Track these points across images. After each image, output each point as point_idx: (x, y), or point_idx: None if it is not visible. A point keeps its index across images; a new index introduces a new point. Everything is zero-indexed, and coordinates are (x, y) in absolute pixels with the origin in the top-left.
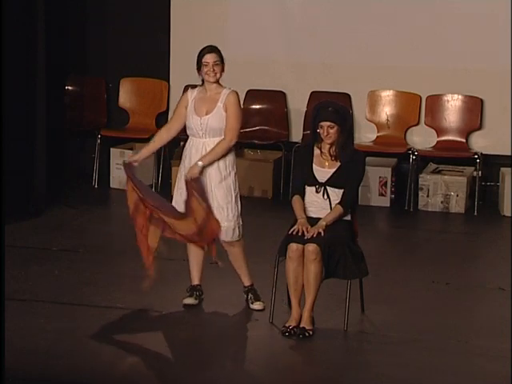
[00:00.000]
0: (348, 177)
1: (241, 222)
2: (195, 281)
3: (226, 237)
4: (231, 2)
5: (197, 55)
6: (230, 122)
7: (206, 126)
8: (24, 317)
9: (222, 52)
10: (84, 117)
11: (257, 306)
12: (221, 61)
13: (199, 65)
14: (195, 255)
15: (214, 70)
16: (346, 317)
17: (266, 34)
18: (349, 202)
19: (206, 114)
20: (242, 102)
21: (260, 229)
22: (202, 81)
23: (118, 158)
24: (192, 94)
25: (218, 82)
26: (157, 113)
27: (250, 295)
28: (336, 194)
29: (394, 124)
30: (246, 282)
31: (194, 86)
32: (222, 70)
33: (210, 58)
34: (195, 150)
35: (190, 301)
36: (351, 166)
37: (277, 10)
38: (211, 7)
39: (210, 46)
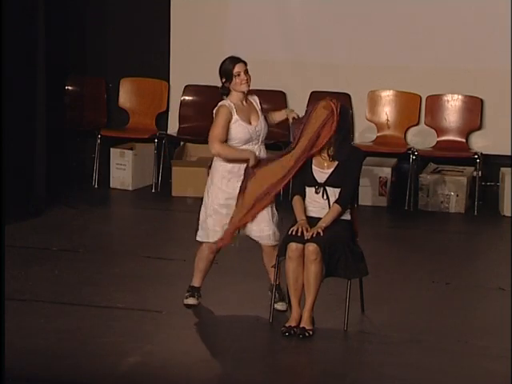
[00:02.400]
0: (345, 175)
1: None
2: (198, 283)
3: (271, 241)
4: (231, 1)
5: (221, 68)
6: None
7: (261, 132)
8: (24, 317)
9: (222, 52)
10: (84, 117)
11: (279, 306)
12: (247, 69)
13: (228, 76)
14: (206, 259)
15: (246, 79)
16: (346, 317)
17: (266, 34)
18: (346, 200)
19: (255, 122)
20: None
21: None
22: (226, 91)
23: (118, 158)
24: (232, 109)
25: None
26: (157, 113)
27: (275, 294)
28: (335, 193)
29: (394, 124)
30: (272, 280)
31: (194, 87)
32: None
33: (241, 68)
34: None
35: (192, 301)
36: (348, 165)
37: (277, 10)
38: (211, 7)
39: (233, 56)
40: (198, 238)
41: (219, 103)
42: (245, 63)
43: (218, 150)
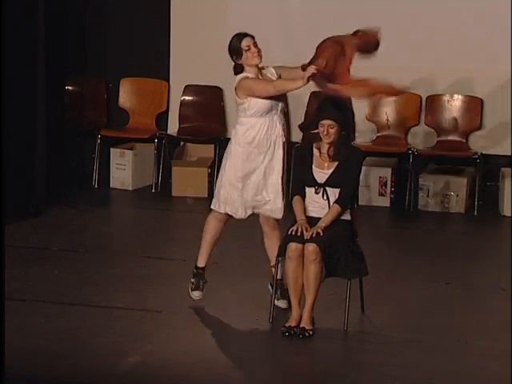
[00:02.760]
0: (345, 175)
1: None
2: (202, 262)
3: (279, 214)
4: (231, 1)
5: (230, 46)
6: None
7: (279, 102)
8: (24, 317)
9: (222, 52)
10: (84, 117)
11: (281, 303)
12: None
13: (238, 52)
14: (213, 230)
15: (257, 51)
16: (346, 317)
17: (266, 34)
18: (346, 200)
19: None
20: None
21: (260, 229)
22: (239, 68)
23: (118, 158)
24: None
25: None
26: (157, 113)
27: (278, 290)
28: (335, 193)
29: (394, 124)
30: (277, 275)
31: (194, 86)
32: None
33: (249, 42)
34: (268, 127)
35: (198, 294)
36: (348, 165)
37: (277, 10)
38: (211, 7)
39: (239, 32)
40: (211, 205)
41: (240, 75)
42: (252, 37)
43: (275, 88)
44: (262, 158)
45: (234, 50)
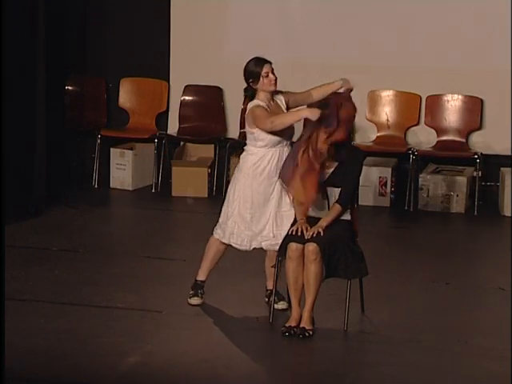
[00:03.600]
0: (345, 174)
1: None
2: (203, 276)
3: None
4: (231, 2)
5: (247, 70)
6: None
7: (291, 131)
8: (24, 317)
9: (222, 52)
10: (84, 117)
11: (280, 305)
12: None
13: (255, 77)
14: (216, 249)
15: (275, 79)
16: (346, 317)
17: (266, 34)
18: (346, 200)
19: None
20: (242, 102)
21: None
22: (251, 92)
23: (118, 158)
24: (265, 107)
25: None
26: (157, 113)
27: (274, 297)
28: (335, 193)
29: (394, 124)
30: (271, 286)
31: (194, 86)
32: None
33: (268, 68)
34: (278, 159)
35: (196, 301)
36: (349, 165)
37: (277, 10)
38: (211, 7)
39: (259, 57)
40: (214, 234)
41: (252, 103)
42: (270, 63)
43: (274, 124)
44: (271, 189)
45: (252, 75)
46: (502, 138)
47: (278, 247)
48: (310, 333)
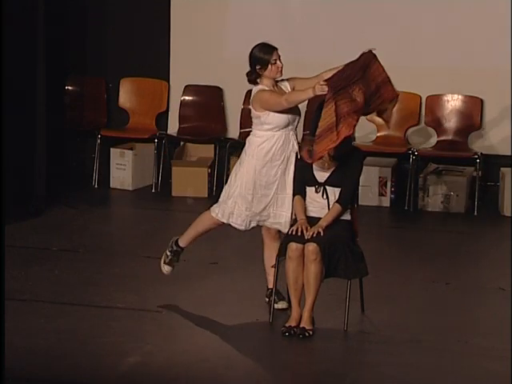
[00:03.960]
0: (345, 175)
1: None
2: (185, 243)
3: (285, 228)
4: (231, 2)
5: (255, 55)
6: None
7: (296, 116)
8: (24, 317)
9: (222, 52)
10: (84, 117)
11: (281, 305)
12: None
13: (264, 63)
14: (207, 227)
15: (282, 66)
16: (346, 317)
17: (266, 34)
18: (346, 200)
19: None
20: (242, 102)
21: (260, 229)
22: (255, 76)
23: (118, 158)
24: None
25: None
26: (157, 113)
27: (274, 297)
28: (335, 193)
29: (394, 124)
30: (271, 284)
31: (194, 87)
32: None
33: (276, 55)
34: (284, 142)
35: (168, 269)
36: (349, 165)
37: (277, 10)
38: (211, 7)
39: (266, 43)
40: (211, 212)
41: (257, 88)
42: (277, 49)
43: (288, 101)
44: (274, 171)
45: (260, 61)
46: (502, 138)
47: (276, 226)
48: (310, 333)
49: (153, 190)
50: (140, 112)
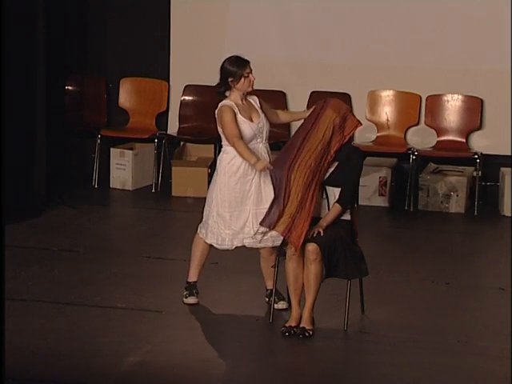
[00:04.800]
0: (345, 175)
1: None
2: (194, 277)
3: (274, 242)
4: (231, 1)
5: (226, 68)
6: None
7: (263, 129)
8: (24, 317)
9: (222, 52)
10: (84, 117)
11: (281, 305)
12: None
13: (236, 76)
14: (202, 248)
15: (254, 79)
16: (346, 317)
17: (266, 34)
18: (347, 200)
19: (256, 120)
20: None
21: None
22: (225, 88)
23: (118, 158)
24: (233, 107)
25: None
26: (157, 113)
27: (274, 297)
28: (335, 193)
29: (394, 124)
30: (270, 286)
31: (194, 87)
32: None
33: (249, 69)
34: (260, 155)
35: (192, 300)
36: (348, 164)
37: (276, 10)
38: (211, 7)
39: (240, 57)
40: (199, 232)
41: (221, 103)
42: (249, 63)
43: (235, 146)
44: (248, 186)
45: (232, 74)
46: (502, 138)
47: (260, 244)
48: (310, 333)
49: (153, 190)
50: (140, 112)
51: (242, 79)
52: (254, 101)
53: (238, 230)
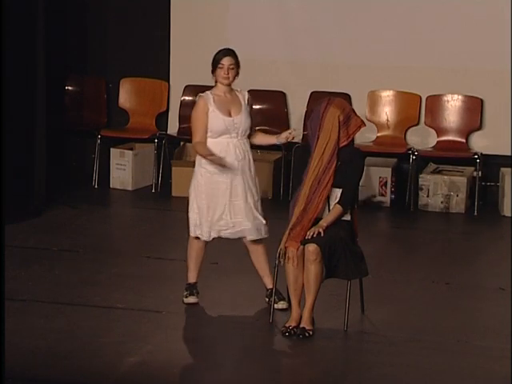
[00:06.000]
0: (346, 175)
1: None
2: (193, 278)
3: (257, 234)
4: (231, 1)
5: (213, 57)
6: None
7: (240, 125)
8: (24, 317)
9: None
10: (84, 117)
11: (281, 305)
12: (236, 65)
13: (214, 66)
14: (196, 248)
15: (228, 73)
16: (346, 317)
17: (266, 34)
18: (348, 201)
19: (234, 115)
20: None
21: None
22: (215, 82)
23: (118, 158)
24: (208, 99)
25: (230, 84)
26: (157, 113)
27: (274, 297)
28: (336, 193)
29: (394, 124)
30: (269, 285)
31: (194, 87)
32: (237, 74)
33: (225, 61)
34: (227, 151)
35: (192, 299)
36: (350, 165)
37: (277, 10)
38: (211, 7)
39: (227, 48)
40: (190, 232)
41: (199, 94)
42: (234, 58)
43: (193, 144)
44: (223, 179)
45: (213, 63)
46: (502, 138)
47: (237, 235)
48: (310, 333)
49: (153, 190)
50: (140, 112)
51: (218, 70)
52: (243, 97)
53: (214, 222)
